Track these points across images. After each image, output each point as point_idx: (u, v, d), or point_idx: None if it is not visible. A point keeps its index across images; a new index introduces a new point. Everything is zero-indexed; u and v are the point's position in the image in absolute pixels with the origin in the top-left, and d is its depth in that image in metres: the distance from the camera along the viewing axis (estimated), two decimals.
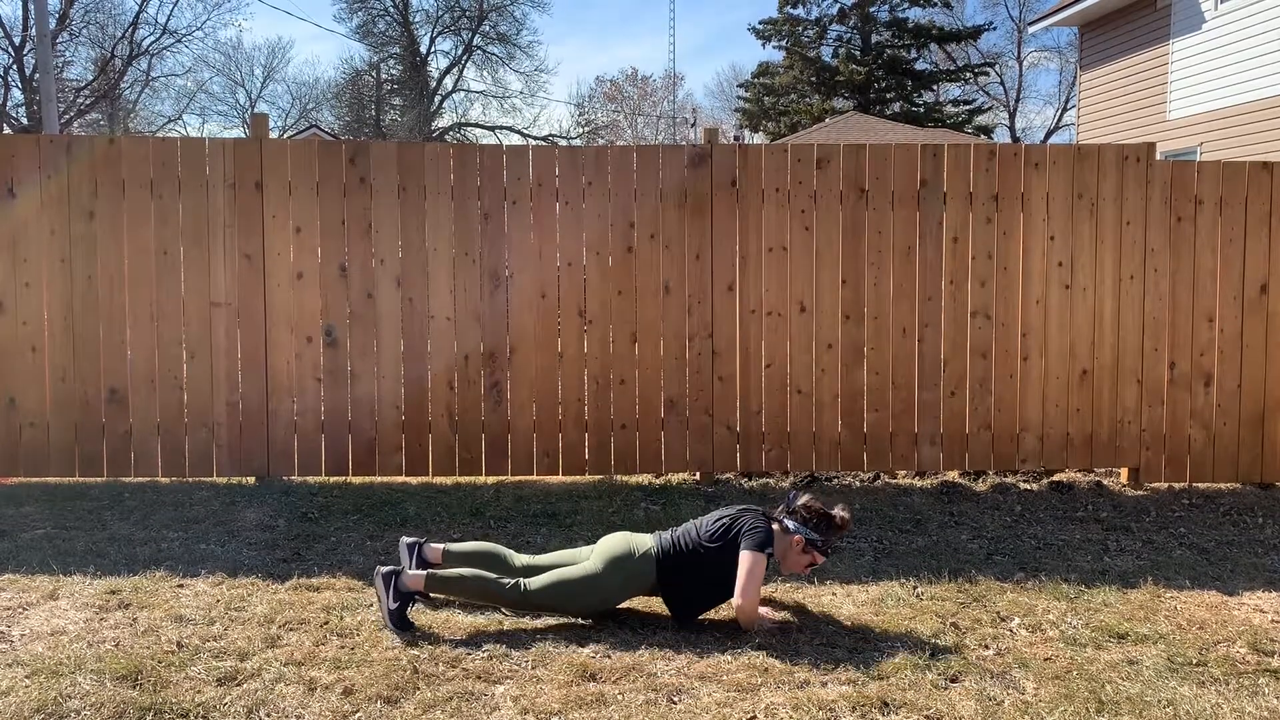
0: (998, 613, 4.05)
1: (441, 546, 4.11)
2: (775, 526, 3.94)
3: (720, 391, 6.14)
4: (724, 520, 3.92)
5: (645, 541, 3.93)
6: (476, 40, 44.26)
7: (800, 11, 38.97)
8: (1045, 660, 3.58)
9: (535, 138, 42.55)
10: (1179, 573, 4.60)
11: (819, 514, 3.95)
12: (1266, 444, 6.26)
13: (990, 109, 43.23)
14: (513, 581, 3.85)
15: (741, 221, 6.11)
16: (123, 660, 3.41)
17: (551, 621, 3.89)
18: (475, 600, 3.96)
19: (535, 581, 3.85)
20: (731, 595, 3.79)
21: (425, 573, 3.89)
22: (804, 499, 4.02)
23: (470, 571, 3.92)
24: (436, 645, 3.62)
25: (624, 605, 3.99)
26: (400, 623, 3.75)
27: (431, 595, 4.02)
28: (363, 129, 42.14)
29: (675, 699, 3.25)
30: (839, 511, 3.99)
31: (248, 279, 5.96)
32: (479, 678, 3.37)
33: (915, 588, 4.34)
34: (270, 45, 71.96)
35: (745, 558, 3.76)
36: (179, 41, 35.99)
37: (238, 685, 3.29)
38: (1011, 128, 45.18)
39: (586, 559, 3.95)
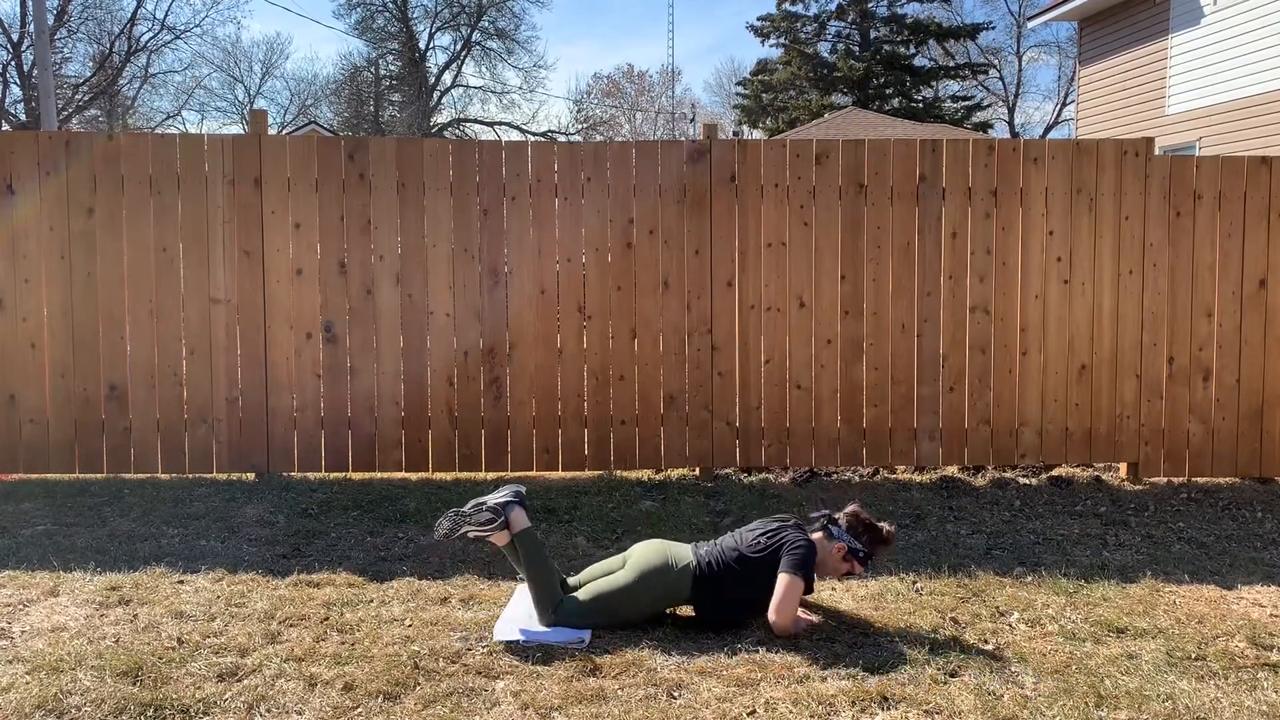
0: (997, 607, 4.06)
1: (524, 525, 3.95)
2: (818, 534, 3.90)
3: (719, 387, 6.14)
4: (767, 532, 3.86)
5: (683, 555, 3.85)
6: (475, 36, 44.23)
7: (799, 8, 39.02)
8: (1044, 655, 3.59)
9: (534, 134, 42.49)
10: (1178, 567, 4.61)
11: (866, 525, 3.93)
12: (1265, 438, 6.27)
13: (989, 105, 43.23)
14: (564, 596, 3.82)
15: (740, 217, 6.10)
16: (123, 656, 3.42)
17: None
18: (533, 585, 3.79)
19: (581, 594, 3.82)
20: (763, 612, 3.72)
21: (530, 524, 3.87)
22: (852, 507, 3.98)
23: (550, 561, 3.88)
24: (436, 641, 3.63)
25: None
26: (495, 508, 3.82)
27: (500, 546, 3.92)
28: (361, 125, 42.09)
29: (675, 694, 3.25)
30: (886, 525, 3.98)
31: (247, 275, 5.96)
32: (479, 673, 3.38)
33: (914, 583, 4.35)
34: (269, 41, 71.98)
35: (782, 580, 3.71)
36: (177, 37, 35.91)
37: (238, 681, 3.29)
38: (1010, 123, 45.15)
39: (620, 568, 3.89)
